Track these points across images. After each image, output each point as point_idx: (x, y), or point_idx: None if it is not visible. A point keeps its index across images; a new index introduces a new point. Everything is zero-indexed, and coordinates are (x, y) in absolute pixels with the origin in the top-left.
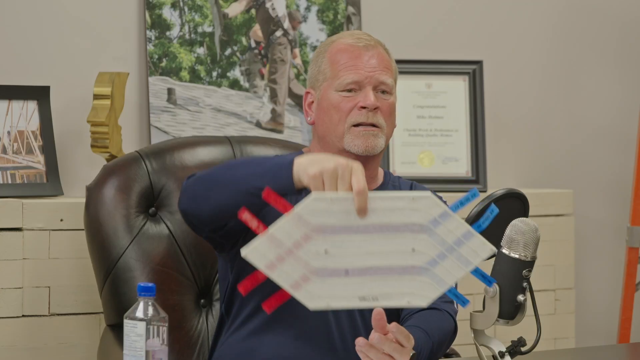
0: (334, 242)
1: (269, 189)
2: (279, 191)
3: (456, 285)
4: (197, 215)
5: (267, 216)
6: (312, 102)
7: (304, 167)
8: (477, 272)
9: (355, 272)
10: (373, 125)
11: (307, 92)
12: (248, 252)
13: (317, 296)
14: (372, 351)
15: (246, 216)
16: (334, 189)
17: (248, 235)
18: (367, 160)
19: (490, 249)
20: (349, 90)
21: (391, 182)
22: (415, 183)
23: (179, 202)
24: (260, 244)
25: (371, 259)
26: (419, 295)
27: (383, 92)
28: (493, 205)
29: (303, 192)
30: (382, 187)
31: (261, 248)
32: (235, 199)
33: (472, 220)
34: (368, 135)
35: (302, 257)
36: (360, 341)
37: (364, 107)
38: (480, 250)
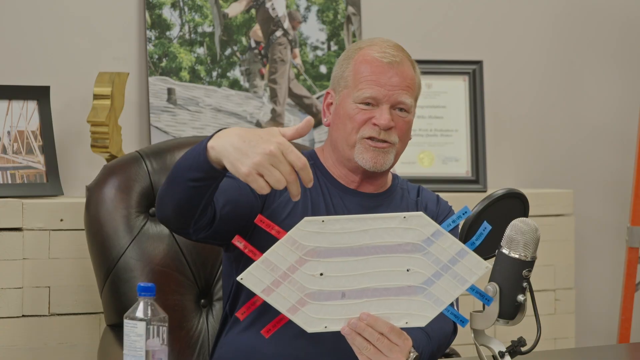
0: (328, 265)
1: (261, 215)
2: (206, 178)
3: (457, 303)
4: (167, 220)
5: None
6: (331, 103)
7: (232, 162)
8: (473, 290)
9: (352, 294)
10: (384, 141)
11: (328, 92)
12: (244, 277)
13: (314, 319)
14: (367, 331)
15: (239, 242)
16: (276, 176)
17: (246, 235)
18: (374, 173)
19: (486, 266)
20: (367, 104)
21: (399, 185)
22: (421, 186)
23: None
24: (255, 268)
25: (367, 281)
26: (417, 315)
27: (400, 109)
28: (485, 223)
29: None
30: (389, 191)
31: (256, 273)
32: (184, 194)
33: (472, 221)
34: (378, 152)
35: (297, 280)
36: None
37: (376, 125)
38: (475, 268)
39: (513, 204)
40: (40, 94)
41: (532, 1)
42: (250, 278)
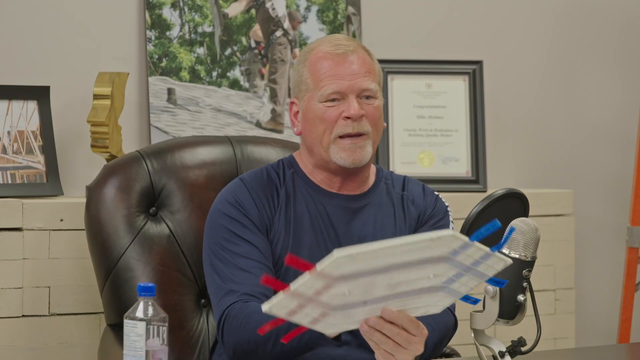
0: (354, 284)
1: (291, 255)
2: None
3: None
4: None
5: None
6: (298, 112)
7: None
8: (490, 279)
9: (374, 301)
10: (360, 134)
11: (292, 102)
12: (270, 308)
13: (335, 324)
14: (386, 327)
15: (267, 280)
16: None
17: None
18: (355, 169)
19: (507, 262)
20: (332, 100)
21: (383, 180)
22: (407, 177)
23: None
24: (282, 299)
25: (390, 289)
26: (433, 305)
27: (367, 97)
28: (496, 220)
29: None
30: (373, 188)
31: (283, 303)
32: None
33: (472, 221)
34: (355, 148)
35: (322, 300)
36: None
37: (348, 117)
38: (496, 264)
39: (513, 204)
40: (40, 94)
41: (532, 1)
42: (276, 307)
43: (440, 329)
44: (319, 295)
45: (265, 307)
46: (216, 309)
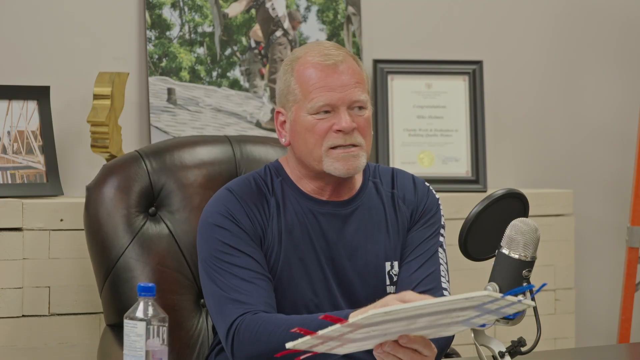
0: (381, 327)
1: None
2: None
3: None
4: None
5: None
6: (285, 121)
7: None
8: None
9: (393, 334)
10: (352, 145)
11: (278, 112)
12: (294, 345)
13: (350, 348)
14: (401, 351)
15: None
16: None
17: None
18: (347, 177)
19: (532, 305)
20: (323, 112)
21: (371, 179)
22: (395, 170)
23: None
24: (307, 340)
25: (412, 325)
26: (447, 331)
27: (359, 107)
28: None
29: None
30: (361, 191)
31: (308, 342)
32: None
33: (472, 221)
34: (348, 157)
35: (344, 337)
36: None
37: (340, 130)
38: (520, 307)
39: (513, 204)
40: (40, 94)
41: (532, 1)
42: (299, 345)
43: (440, 340)
44: (343, 335)
45: (290, 344)
46: (220, 318)
